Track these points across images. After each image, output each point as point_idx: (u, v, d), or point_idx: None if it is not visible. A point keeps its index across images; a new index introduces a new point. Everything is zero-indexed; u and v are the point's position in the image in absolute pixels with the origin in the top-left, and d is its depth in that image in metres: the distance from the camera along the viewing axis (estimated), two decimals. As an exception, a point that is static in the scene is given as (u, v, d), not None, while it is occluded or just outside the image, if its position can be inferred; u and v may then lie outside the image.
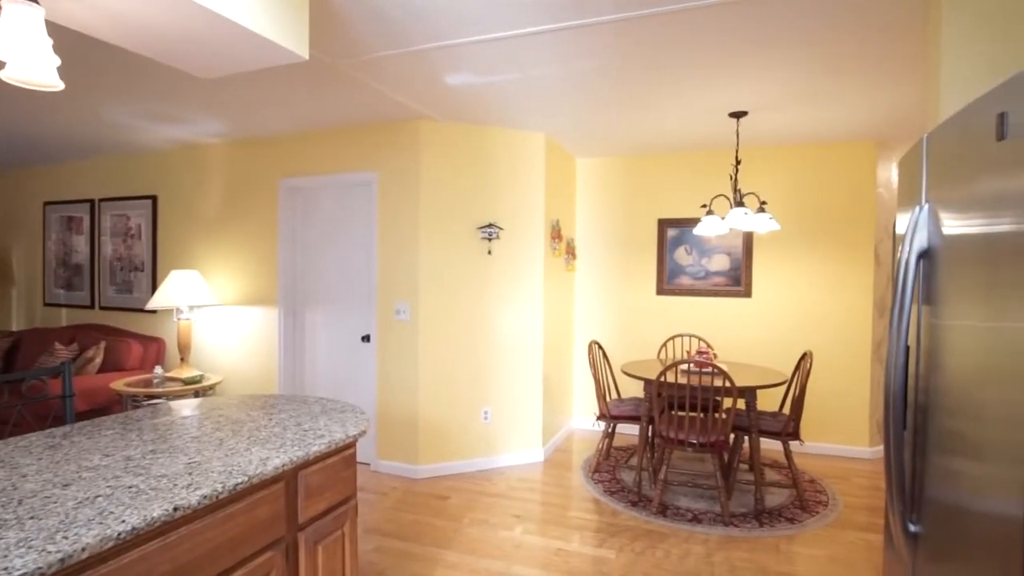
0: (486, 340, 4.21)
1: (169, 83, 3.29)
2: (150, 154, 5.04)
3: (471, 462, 4.18)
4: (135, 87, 3.37)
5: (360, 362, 4.33)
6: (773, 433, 3.57)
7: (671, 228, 5.03)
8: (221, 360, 4.76)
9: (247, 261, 4.63)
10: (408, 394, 4.05)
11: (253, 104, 3.71)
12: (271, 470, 1.54)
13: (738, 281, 4.82)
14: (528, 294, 4.34)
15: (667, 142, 4.60)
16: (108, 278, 5.33)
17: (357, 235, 4.31)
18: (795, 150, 4.65)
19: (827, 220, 4.59)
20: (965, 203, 1.24)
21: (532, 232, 4.34)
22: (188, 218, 4.89)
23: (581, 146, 4.82)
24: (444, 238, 4.06)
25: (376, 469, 4.17)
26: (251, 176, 4.60)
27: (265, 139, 4.54)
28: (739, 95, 3.42)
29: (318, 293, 4.47)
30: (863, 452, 4.52)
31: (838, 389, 4.57)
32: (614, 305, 5.22)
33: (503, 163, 4.22)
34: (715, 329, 4.88)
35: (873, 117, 3.84)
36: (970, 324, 1.19)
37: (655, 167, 5.06)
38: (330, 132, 4.28)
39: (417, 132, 3.98)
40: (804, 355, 3.64)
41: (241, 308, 4.65)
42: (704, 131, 4.22)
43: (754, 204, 4.59)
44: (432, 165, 4.01)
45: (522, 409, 4.36)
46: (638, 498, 3.66)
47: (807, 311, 4.63)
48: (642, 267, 5.12)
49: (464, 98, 3.52)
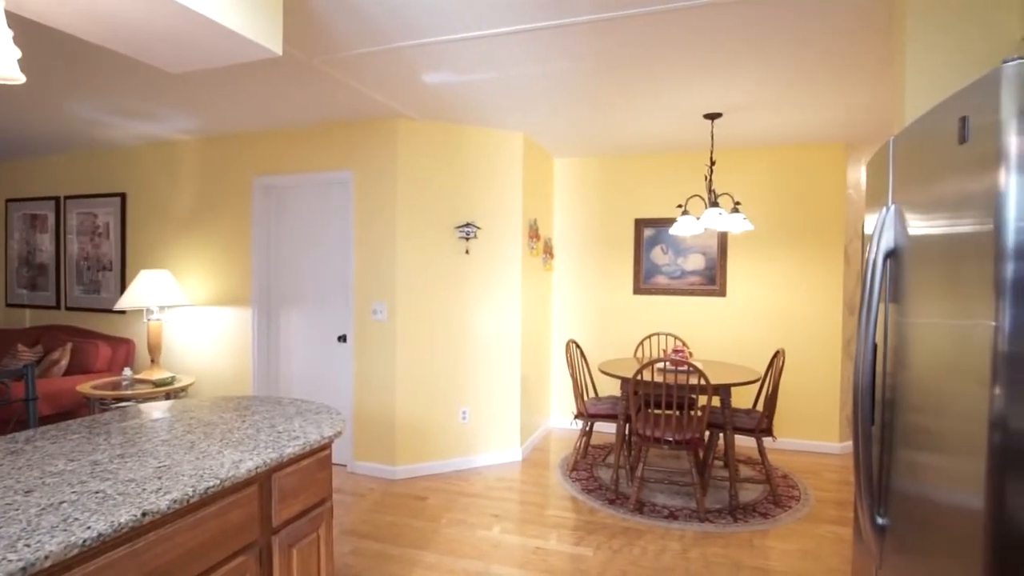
0: (464, 340, 4.20)
1: (138, 78, 3.21)
2: (119, 151, 4.92)
3: (449, 462, 4.17)
4: (102, 82, 3.28)
5: (336, 363, 4.28)
6: (747, 430, 3.63)
7: (648, 228, 5.07)
8: (193, 361, 4.66)
9: (220, 260, 4.54)
10: (385, 394, 4.02)
11: (227, 101, 3.64)
12: (244, 473, 1.51)
13: (713, 280, 4.89)
14: (506, 293, 4.34)
15: (644, 143, 4.64)
16: (75, 278, 5.19)
17: (333, 234, 4.26)
18: (768, 152, 4.73)
19: (799, 220, 4.68)
20: (929, 204, 1.27)
21: (510, 232, 4.34)
22: (159, 216, 4.78)
23: (559, 146, 4.84)
24: (421, 237, 4.04)
25: (353, 470, 4.13)
26: (224, 174, 4.51)
27: (239, 136, 4.46)
28: (714, 97, 3.46)
29: (293, 293, 4.41)
30: (833, 447, 4.63)
31: (809, 386, 4.67)
32: (591, 304, 5.25)
33: (481, 162, 4.22)
34: (691, 328, 4.95)
35: (842, 119, 3.93)
36: (934, 322, 1.22)
37: (632, 167, 5.10)
38: (306, 130, 4.23)
39: (394, 131, 3.95)
40: (777, 353, 3.70)
41: (214, 308, 4.56)
42: (680, 132, 4.27)
43: (728, 204, 4.66)
44: (409, 164, 3.99)
45: (500, 409, 4.36)
46: (615, 496, 3.69)
47: (780, 310, 4.72)
48: (619, 267, 5.16)
49: (442, 97, 3.51)
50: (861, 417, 1.48)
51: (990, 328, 0.99)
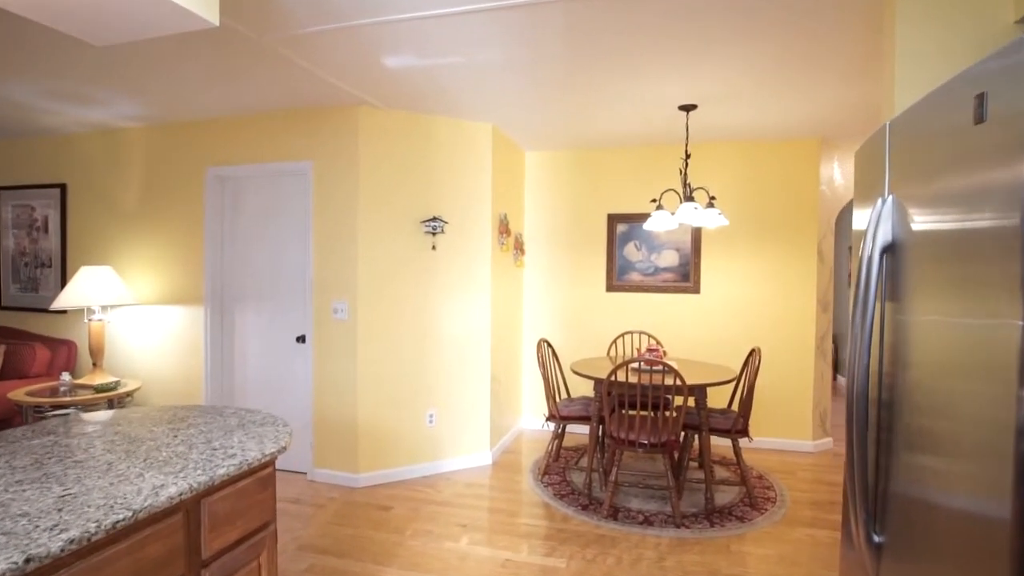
0: (431, 340, 4.01)
1: (74, 57, 2.93)
2: (58, 138, 4.57)
3: (415, 468, 3.98)
4: (32, 60, 2.99)
5: (295, 365, 4.05)
6: (723, 431, 3.53)
7: (621, 223, 4.95)
8: (141, 364, 4.36)
9: (170, 256, 4.25)
10: (347, 398, 3.81)
11: (174, 85, 3.37)
12: (164, 501, 1.31)
13: (687, 277, 4.80)
14: (475, 291, 4.17)
15: (617, 135, 4.51)
16: (11, 275, 4.82)
17: (291, 228, 4.02)
18: (743, 146, 4.65)
19: (773, 216, 4.61)
20: (935, 196, 1.14)
21: (479, 226, 4.16)
22: (103, 209, 4.45)
23: (530, 138, 4.67)
24: (385, 232, 3.83)
25: (313, 479, 3.91)
26: (174, 164, 4.22)
27: (190, 124, 4.17)
28: (689, 87, 3.34)
29: (249, 291, 4.16)
30: (806, 445, 4.58)
31: (783, 384, 4.61)
32: (564, 302, 5.11)
33: (449, 154, 4.03)
34: (665, 326, 4.85)
35: (818, 114, 3.85)
36: (942, 320, 1.10)
37: (605, 161, 4.97)
38: (261, 117, 3.97)
39: (356, 119, 3.73)
40: (752, 351, 3.61)
41: (164, 307, 4.27)
42: (654, 125, 4.15)
43: (704, 199, 4.56)
44: (372, 154, 3.77)
45: (469, 411, 4.18)
46: (589, 501, 3.56)
47: (754, 307, 4.66)
48: (592, 263, 5.03)
49: (405, 83, 3.31)
50: (857, 420, 1.36)
51: (1018, 328, 0.86)
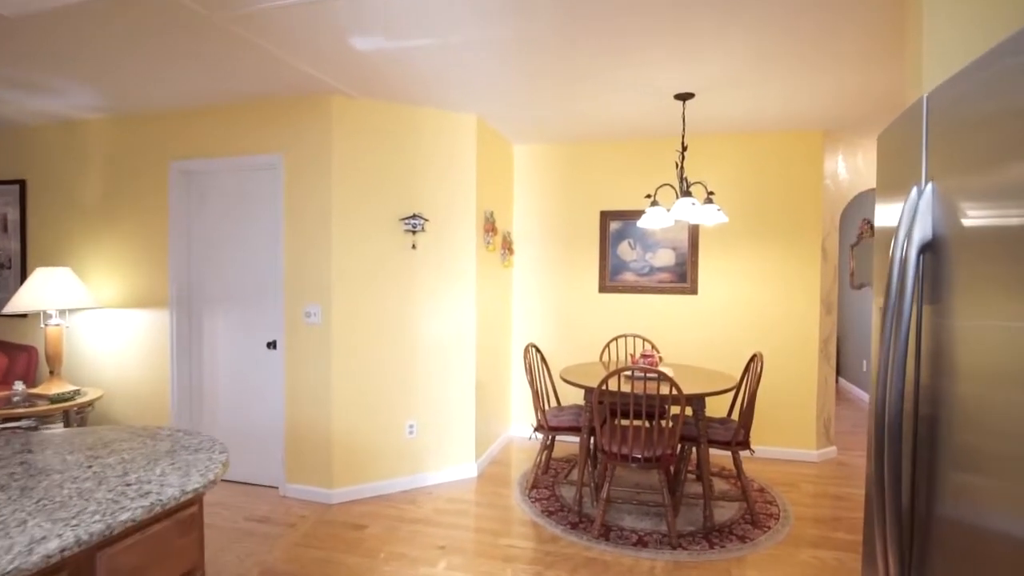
0: (411, 345, 3.76)
1: (18, 41, 2.67)
2: (17, 131, 4.30)
3: (394, 482, 3.73)
4: (-36, 42, 2.73)
5: (266, 372, 3.80)
6: (722, 443, 3.29)
7: (614, 221, 4.71)
8: (104, 372, 4.10)
9: (134, 257, 4.00)
10: (320, 408, 3.56)
11: (130, 71, 3.12)
12: (38, 560, 1.06)
13: (684, 277, 4.56)
14: (459, 292, 3.92)
15: (610, 128, 4.27)
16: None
17: (262, 227, 3.76)
18: (742, 139, 4.41)
19: (774, 213, 4.37)
20: (993, 185, 0.90)
21: (463, 224, 3.91)
22: (64, 207, 4.19)
23: (518, 131, 4.42)
24: (361, 230, 3.58)
25: (285, 494, 3.66)
26: (137, 158, 3.96)
27: (152, 115, 3.91)
28: (686, 73, 3.10)
29: (217, 293, 3.90)
30: (810, 455, 4.35)
31: (785, 390, 4.38)
32: (555, 304, 4.87)
33: (430, 147, 3.78)
34: (660, 329, 4.61)
35: (822, 104, 3.62)
36: (996, 324, 0.86)
37: (597, 155, 4.72)
38: (227, 107, 3.71)
39: (329, 109, 3.48)
40: (753, 357, 3.38)
41: (128, 311, 4.02)
42: (649, 115, 3.90)
43: (701, 194, 4.31)
44: (347, 147, 3.52)
45: (453, 421, 3.94)
46: (579, 518, 3.31)
47: (754, 309, 4.42)
48: (584, 263, 4.79)
49: (379, 69, 3.05)
50: (890, 437, 1.10)
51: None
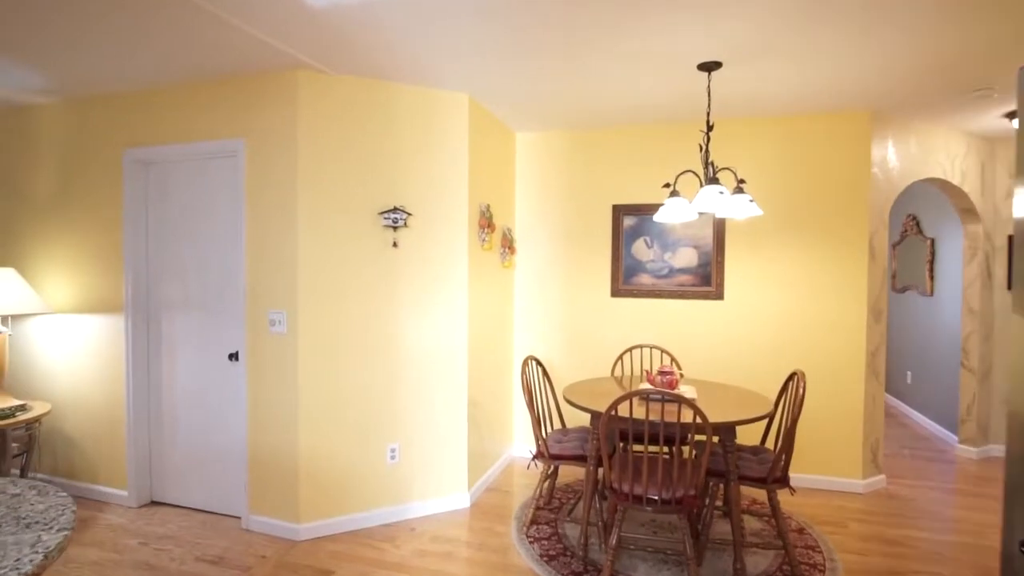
0: (392, 357, 3.28)
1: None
2: (-32, 119, 3.92)
3: (373, 514, 3.25)
4: None
5: (228, 386, 3.34)
6: (756, 480, 2.75)
7: (628, 216, 4.17)
8: (55, 384, 3.69)
9: (88, 256, 3.58)
10: (286, 429, 3.09)
11: (73, 48, 2.69)
12: None
13: (708, 280, 4.01)
14: (448, 296, 3.43)
15: (623, 109, 3.74)
16: (-78, 278, 4.18)
17: (222, 222, 3.31)
18: (776, 122, 3.85)
19: (814, 206, 3.80)
20: None
21: (453, 219, 3.42)
22: (12, 201, 3.79)
23: (519, 115, 3.92)
24: (332, 226, 3.11)
25: (248, 527, 3.20)
26: (88, 146, 3.54)
27: (103, 98, 3.49)
28: (711, 38, 2.57)
29: (176, 297, 3.46)
30: (856, 485, 3.76)
31: (827, 409, 3.80)
32: (560, 310, 4.35)
33: (413, 130, 3.29)
34: (681, 339, 4.06)
35: (872, 78, 3.05)
36: None
37: (609, 142, 4.20)
38: (183, 87, 3.27)
39: (295, 86, 3.01)
40: (793, 376, 2.83)
41: (81, 316, 3.60)
42: (669, 92, 3.37)
43: (730, 183, 3.76)
44: (315, 130, 3.05)
45: (441, 444, 3.44)
46: (584, 566, 2.79)
47: (790, 316, 3.85)
48: (594, 263, 4.26)
49: (345, 34, 2.57)
50: None
51: None
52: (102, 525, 3.26)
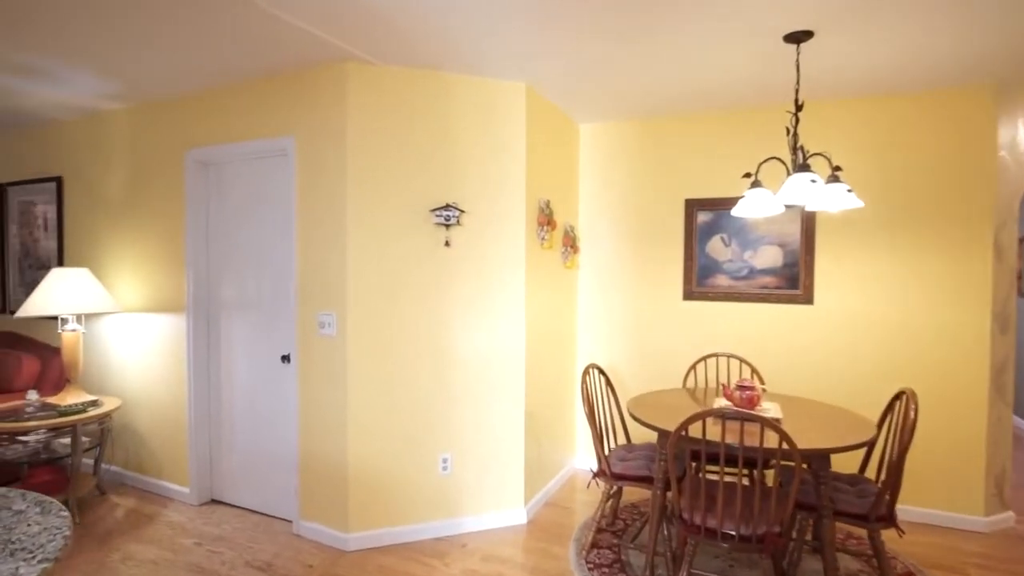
0: (444, 362, 3.11)
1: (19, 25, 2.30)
2: (53, 127, 4.12)
3: (424, 527, 3.09)
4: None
5: (281, 388, 3.29)
6: (855, 516, 2.35)
7: (703, 211, 3.80)
8: (127, 380, 3.80)
9: (154, 257, 3.65)
10: (335, 434, 2.99)
11: (133, 53, 2.72)
12: None
13: (794, 282, 3.57)
14: (504, 298, 3.22)
15: (698, 94, 3.39)
16: (17, 277, 4.46)
17: (276, 221, 3.27)
18: (876, 102, 3.37)
19: (925, 197, 3.30)
20: None
21: (509, 216, 3.21)
22: (92, 204, 3.94)
23: (581, 106, 3.65)
24: (382, 224, 2.97)
25: (298, 532, 3.13)
26: (155, 149, 3.61)
27: (166, 101, 3.54)
28: (800, 3, 2.21)
29: (234, 297, 3.45)
30: (976, 523, 3.22)
31: (941, 433, 3.28)
32: (627, 314, 4.03)
33: (467, 122, 3.10)
34: (762, 347, 3.65)
35: (990, 41, 2.56)
36: None
37: (681, 131, 3.84)
38: (238, 87, 3.25)
39: (343, 79, 2.90)
40: (900, 396, 2.41)
41: (148, 315, 3.68)
42: (749, 71, 3.00)
43: (824, 169, 3.32)
44: (364, 123, 2.93)
45: (496, 455, 3.24)
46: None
47: (894, 323, 3.35)
48: (665, 263, 3.92)
49: (394, 22, 2.42)
50: None
51: None
52: (163, 522, 3.29)
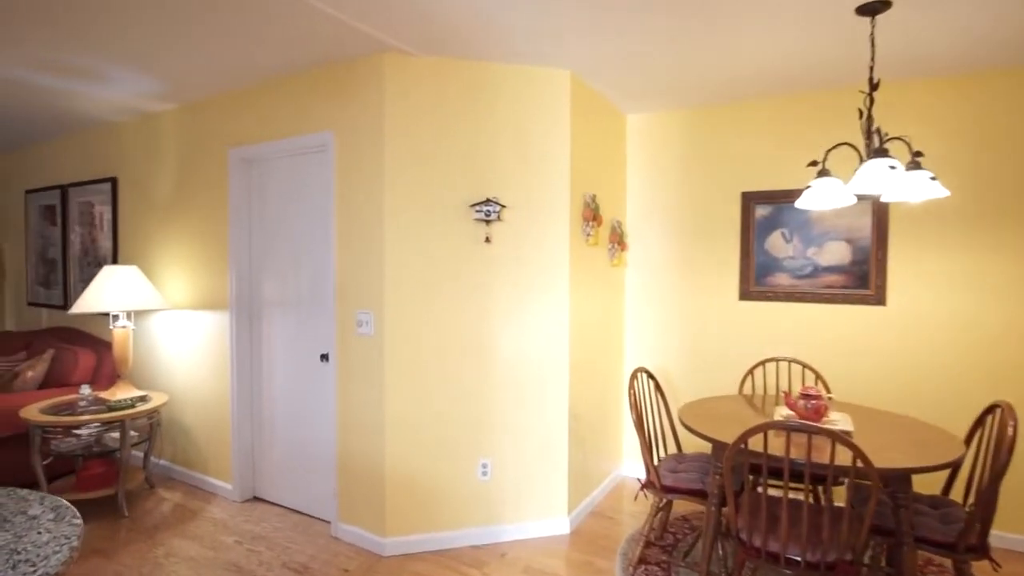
0: (484, 363, 2.99)
1: (58, 22, 2.32)
2: (109, 129, 4.24)
3: (462, 534, 2.98)
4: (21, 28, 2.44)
5: (320, 387, 3.25)
6: (941, 545, 2.09)
7: (761, 204, 3.55)
8: (173, 375, 3.86)
9: (199, 255, 3.68)
10: (372, 436, 2.92)
11: (175, 48, 2.71)
12: None
13: (864, 281, 3.28)
14: (547, 297, 3.07)
15: (755, 77, 3.15)
16: (78, 274, 4.63)
17: (316, 217, 3.23)
18: (966, 80, 3.04)
19: (1015, 185, 2.95)
20: None
21: (552, 211, 3.06)
22: (143, 203, 4.03)
23: (629, 95, 3.46)
24: (420, 219, 2.87)
25: (336, 535, 3.08)
26: (201, 147, 3.64)
27: (210, 100, 3.56)
28: (884, -40, 1.97)
29: (275, 295, 3.44)
30: (1079, 552, 2.87)
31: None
32: (678, 314, 3.81)
33: (507, 112, 2.97)
34: (827, 352, 3.36)
35: None
36: None
37: (737, 119, 3.59)
38: (277, 83, 3.22)
39: (380, 72, 2.81)
40: (993, 409, 2.13)
41: (194, 312, 3.72)
42: (815, 49, 2.75)
43: (903, 156, 3.01)
44: (402, 116, 2.84)
45: (539, 461, 3.10)
46: (701, 627, 2.31)
47: (983, 327, 3.02)
48: (719, 261, 3.68)
49: (433, 11, 2.31)
50: None
51: None
52: (206, 519, 3.31)
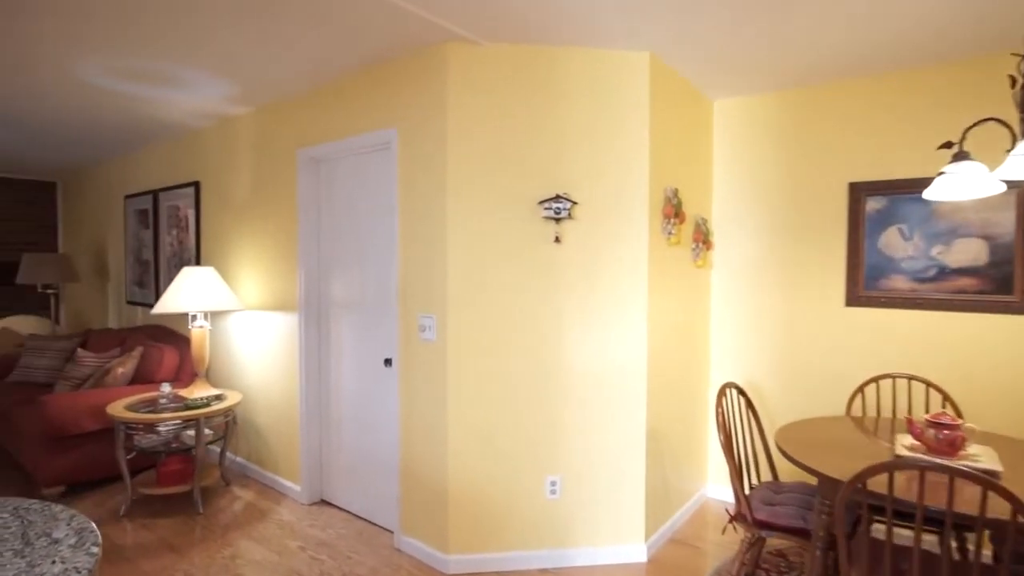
0: (552, 375, 2.76)
1: (139, 27, 2.36)
2: (192, 134, 4.40)
3: (528, 555, 2.77)
4: (100, 34, 2.50)
5: (383, 392, 3.16)
6: None
7: (873, 196, 3.09)
8: (248, 375, 3.92)
9: (271, 256, 3.71)
10: (436, 446, 2.77)
11: (241, 50, 2.72)
12: None
13: (1005, 285, 2.76)
14: (623, 301, 2.80)
15: (868, 50, 2.72)
16: (167, 275, 4.84)
17: (380, 217, 3.13)
18: None
19: None
20: None
21: (629, 207, 2.79)
22: (223, 205, 4.13)
23: (717, 76, 3.12)
24: (486, 219, 2.70)
25: (398, 546, 2.96)
26: (271, 147, 3.66)
27: (280, 102, 3.57)
28: None
29: (341, 297, 3.39)
30: None
31: None
32: (772, 321, 3.42)
33: (579, 101, 2.73)
34: (959, 368, 2.87)
35: None
36: None
37: (841, 100, 3.16)
38: (342, 81, 3.15)
39: (444, 62, 2.66)
40: None
41: (266, 313, 3.75)
42: (940, 16, 2.32)
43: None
44: (466, 110, 2.67)
45: (612, 481, 2.84)
46: None
47: None
48: (821, 261, 3.26)
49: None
50: None
51: None
52: (274, 521, 3.30)
